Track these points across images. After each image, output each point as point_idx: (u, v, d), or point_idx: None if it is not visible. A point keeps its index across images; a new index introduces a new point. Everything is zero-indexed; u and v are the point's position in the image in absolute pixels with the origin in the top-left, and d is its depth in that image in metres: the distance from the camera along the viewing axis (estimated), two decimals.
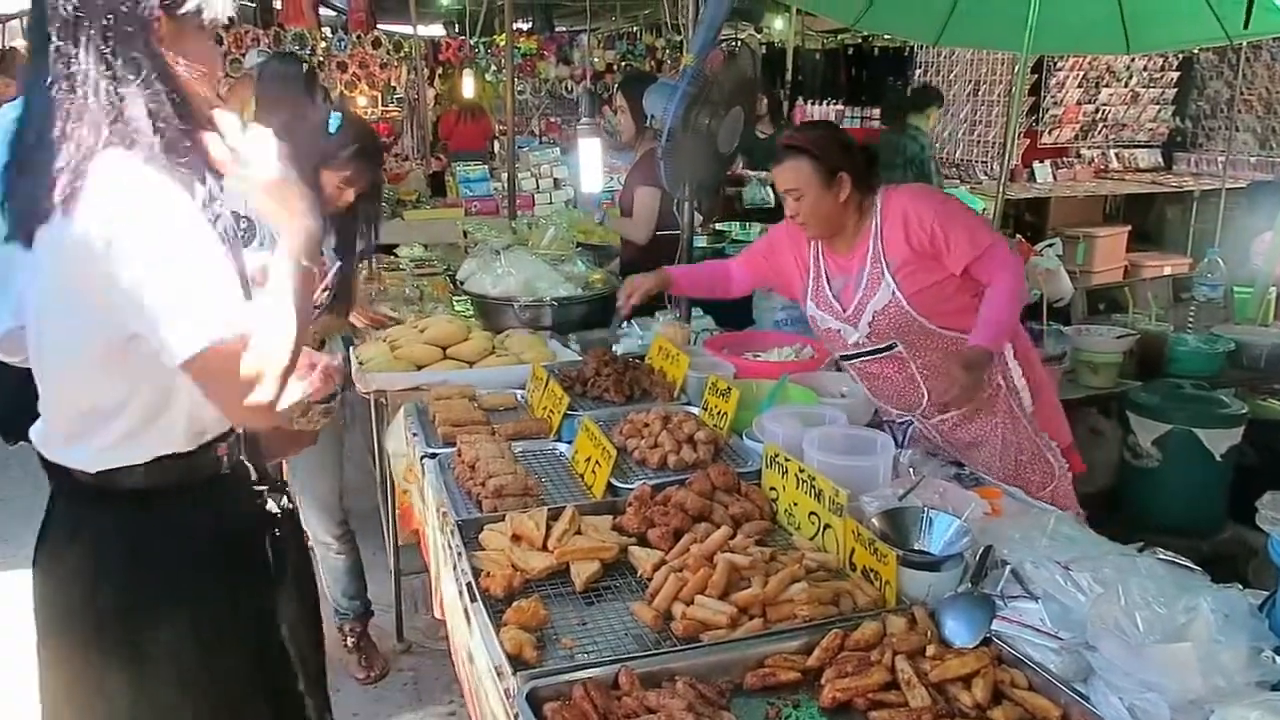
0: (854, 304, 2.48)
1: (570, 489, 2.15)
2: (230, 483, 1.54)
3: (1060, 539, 1.84)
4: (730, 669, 1.49)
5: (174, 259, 1.26)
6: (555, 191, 6.57)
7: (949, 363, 2.41)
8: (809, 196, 2.41)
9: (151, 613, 1.43)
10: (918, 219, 2.38)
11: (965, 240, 2.36)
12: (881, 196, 2.45)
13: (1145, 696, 1.32)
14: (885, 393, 2.60)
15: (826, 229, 2.49)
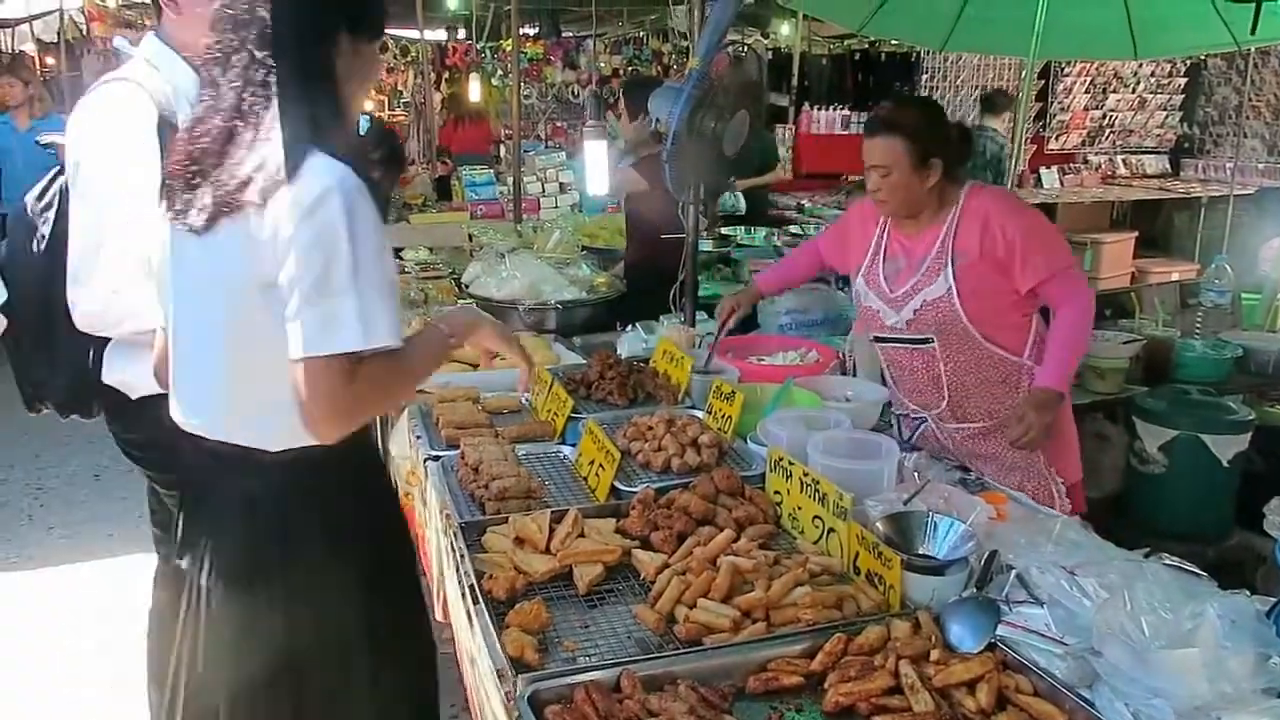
0: (906, 287, 2.46)
1: (573, 492, 2.15)
2: (375, 451, 1.71)
3: (1066, 544, 1.83)
4: (733, 673, 1.49)
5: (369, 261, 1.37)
6: (561, 196, 6.58)
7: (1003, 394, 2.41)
8: (897, 176, 2.36)
9: (342, 560, 1.52)
10: (999, 225, 2.34)
11: (1041, 261, 2.32)
12: (966, 191, 2.41)
13: (1151, 703, 1.31)
14: (907, 385, 2.59)
15: (905, 210, 2.44)
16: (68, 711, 3.08)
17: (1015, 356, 2.46)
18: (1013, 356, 2.46)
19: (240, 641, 1.51)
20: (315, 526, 1.50)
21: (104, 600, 3.76)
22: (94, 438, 5.37)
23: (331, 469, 1.52)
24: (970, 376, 2.48)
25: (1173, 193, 8.68)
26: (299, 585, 1.49)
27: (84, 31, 12.27)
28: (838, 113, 9.10)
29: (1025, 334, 2.47)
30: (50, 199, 2.04)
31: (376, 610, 1.56)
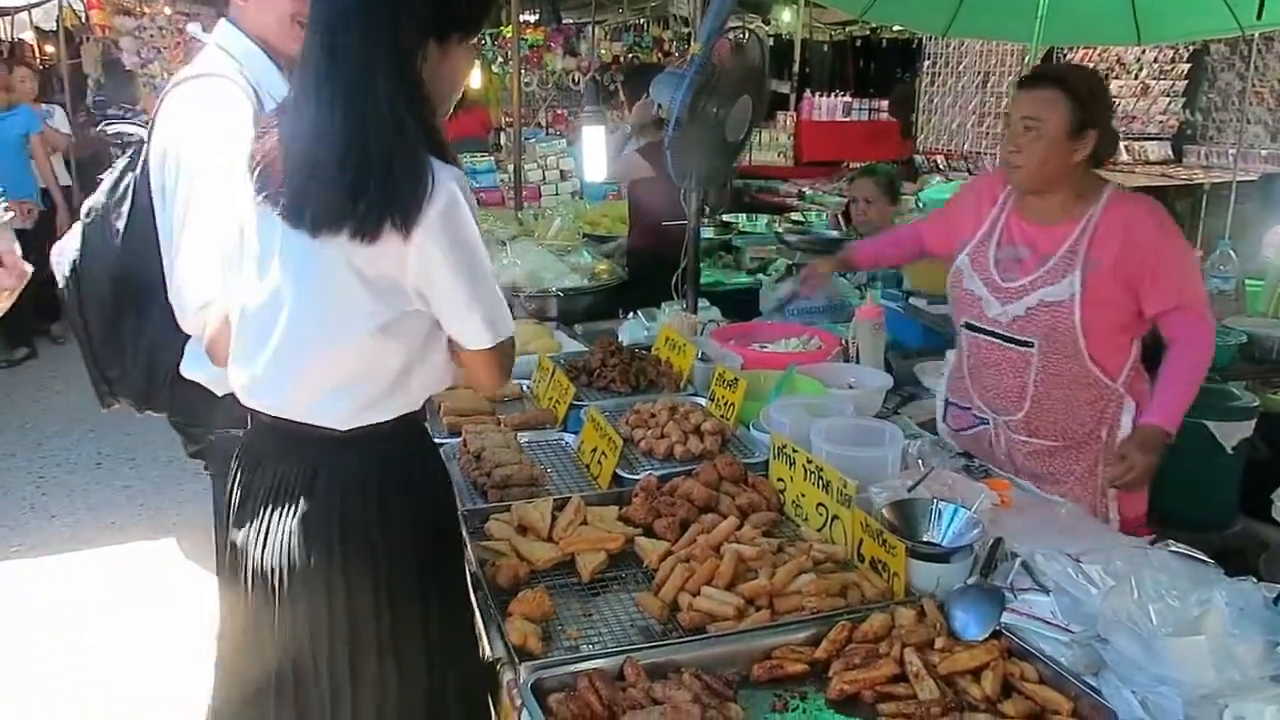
0: (1024, 281, 2.28)
1: (576, 479, 2.14)
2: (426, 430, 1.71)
3: (1070, 531, 1.83)
4: (737, 660, 1.48)
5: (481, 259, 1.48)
6: (561, 183, 6.55)
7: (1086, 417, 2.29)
8: (1046, 137, 2.17)
9: (397, 536, 1.53)
10: (1141, 240, 2.18)
11: (1175, 288, 2.18)
12: (1110, 194, 2.24)
13: (1158, 690, 1.30)
14: (986, 382, 2.44)
15: (1038, 182, 2.25)
16: (69, 699, 3.09)
17: (1110, 381, 2.30)
18: (1107, 380, 2.29)
19: (296, 619, 1.52)
20: (371, 505, 1.52)
21: (106, 589, 3.76)
22: (96, 426, 5.38)
23: (390, 446, 1.56)
24: (1060, 391, 2.31)
25: (1175, 179, 8.64)
26: (354, 563, 1.51)
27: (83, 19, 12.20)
28: (839, 99, 9.04)
29: (1125, 358, 2.31)
30: (123, 193, 2.02)
31: (430, 591, 1.57)
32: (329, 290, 1.46)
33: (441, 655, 1.58)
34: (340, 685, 1.51)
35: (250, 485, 1.59)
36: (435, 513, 1.62)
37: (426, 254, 1.42)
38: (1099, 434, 2.34)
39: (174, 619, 3.49)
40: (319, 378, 1.51)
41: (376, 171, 1.39)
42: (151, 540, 4.16)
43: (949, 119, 8.74)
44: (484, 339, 1.51)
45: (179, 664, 3.18)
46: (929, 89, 8.90)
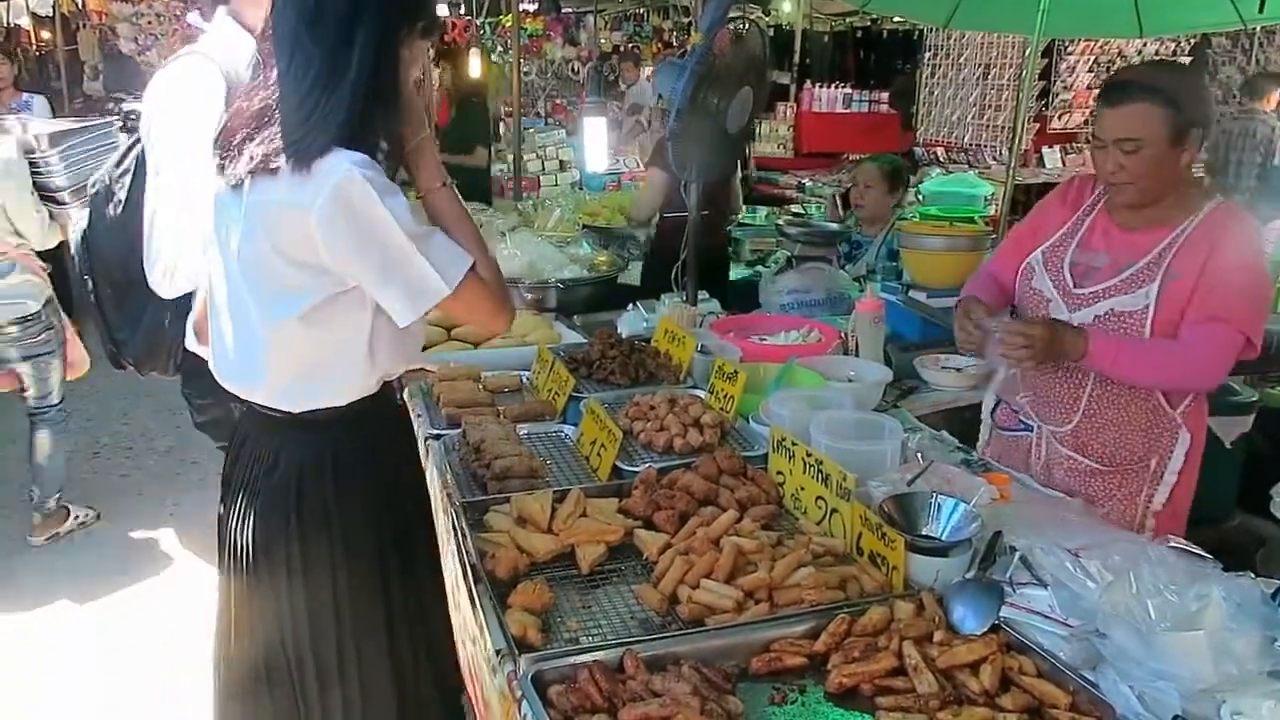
0: (1097, 288, 2.13)
1: (575, 471, 2.14)
2: (398, 412, 1.79)
3: (1069, 526, 1.82)
4: (736, 653, 1.48)
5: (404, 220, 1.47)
6: (560, 173, 6.54)
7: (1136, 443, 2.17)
8: (1150, 152, 1.98)
9: (354, 520, 1.58)
10: (1220, 251, 2.00)
11: (1217, 301, 1.99)
12: (1212, 207, 2.06)
13: (1156, 685, 1.31)
14: (1039, 389, 2.32)
15: (1152, 195, 2.06)
16: (67, 688, 3.09)
17: (1169, 408, 2.17)
18: (1166, 406, 2.17)
19: (264, 596, 1.58)
20: (328, 486, 1.56)
21: (100, 579, 3.76)
22: (92, 416, 5.37)
23: (348, 430, 1.60)
24: (1113, 411, 2.19)
25: None
26: (311, 544, 1.55)
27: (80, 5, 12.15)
28: (839, 90, 9.03)
29: None
30: (127, 165, 2.19)
31: (391, 572, 1.61)
32: (264, 274, 1.50)
33: (408, 632, 1.62)
34: (304, 660, 1.58)
35: (234, 465, 1.67)
36: (395, 495, 1.66)
37: (329, 234, 1.43)
38: (1148, 463, 2.22)
39: (171, 607, 3.49)
40: (268, 361, 1.55)
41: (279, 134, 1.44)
42: (149, 529, 4.16)
43: (949, 111, 8.73)
44: (406, 314, 1.51)
45: (176, 652, 3.19)
46: (929, 81, 8.89)
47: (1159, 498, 2.24)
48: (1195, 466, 2.25)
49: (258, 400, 1.60)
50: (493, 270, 1.60)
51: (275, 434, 1.59)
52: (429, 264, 1.48)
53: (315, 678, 1.57)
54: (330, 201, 1.41)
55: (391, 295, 1.49)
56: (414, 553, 1.65)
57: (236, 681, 1.65)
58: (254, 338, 1.55)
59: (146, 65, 10.33)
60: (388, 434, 1.67)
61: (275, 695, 1.60)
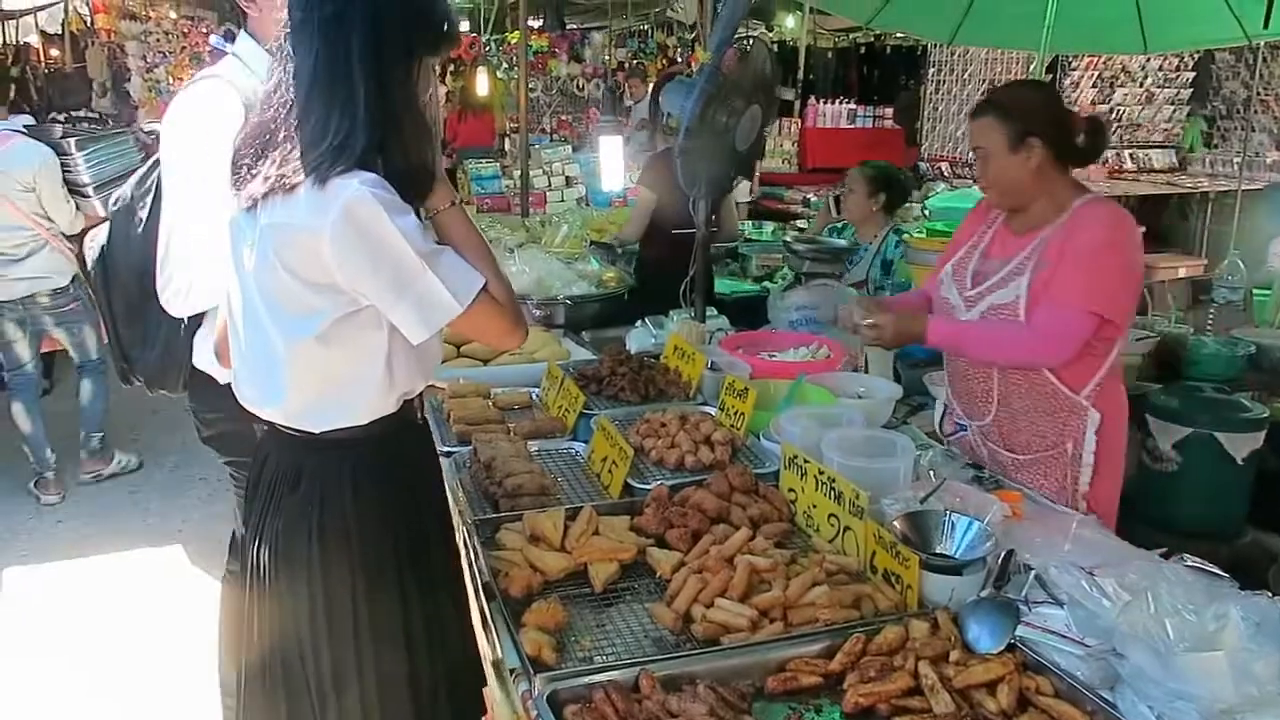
0: (982, 288, 2.32)
1: (587, 489, 2.14)
2: (421, 430, 1.75)
3: (1083, 544, 1.82)
4: (751, 672, 1.48)
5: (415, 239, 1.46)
6: (567, 189, 6.56)
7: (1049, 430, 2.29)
8: (994, 159, 2.25)
9: (374, 537, 1.58)
10: (1081, 241, 2.17)
11: (1071, 283, 2.14)
12: (1080, 201, 2.23)
13: (1175, 705, 1.30)
14: (959, 388, 2.50)
15: (1010, 199, 2.31)
16: (73, 705, 3.08)
17: (1071, 393, 2.27)
18: (1068, 391, 2.27)
19: (284, 611, 1.58)
20: (348, 503, 1.56)
21: (110, 595, 3.76)
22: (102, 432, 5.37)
23: (370, 448, 1.60)
24: (1021, 401, 2.32)
25: (1180, 188, 8.64)
26: (331, 559, 1.56)
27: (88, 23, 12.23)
28: (843, 106, 9.06)
29: (1091, 371, 2.26)
30: (149, 185, 2.19)
31: (410, 586, 1.61)
32: (280, 295, 1.51)
33: (426, 648, 1.62)
34: (321, 674, 1.57)
35: (257, 484, 1.67)
36: (416, 512, 1.65)
37: (340, 254, 1.43)
38: (1064, 447, 2.32)
39: (178, 625, 3.48)
40: (288, 382, 1.55)
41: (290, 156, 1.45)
42: (156, 547, 4.16)
43: (953, 126, 8.76)
44: (419, 331, 1.50)
45: (182, 671, 3.18)
46: (934, 96, 8.92)
47: (1083, 480, 2.32)
48: (1117, 447, 2.37)
49: (279, 421, 1.60)
50: (505, 289, 1.59)
51: (297, 453, 1.60)
52: (440, 282, 1.48)
53: (333, 689, 1.57)
54: (341, 221, 1.41)
55: (403, 312, 1.49)
56: (433, 569, 1.65)
57: (255, 695, 1.65)
58: (273, 358, 1.55)
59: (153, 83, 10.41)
60: (409, 452, 1.67)
61: (293, 709, 1.60)
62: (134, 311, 2.21)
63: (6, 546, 4.13)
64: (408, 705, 1.60)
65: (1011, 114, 2.23)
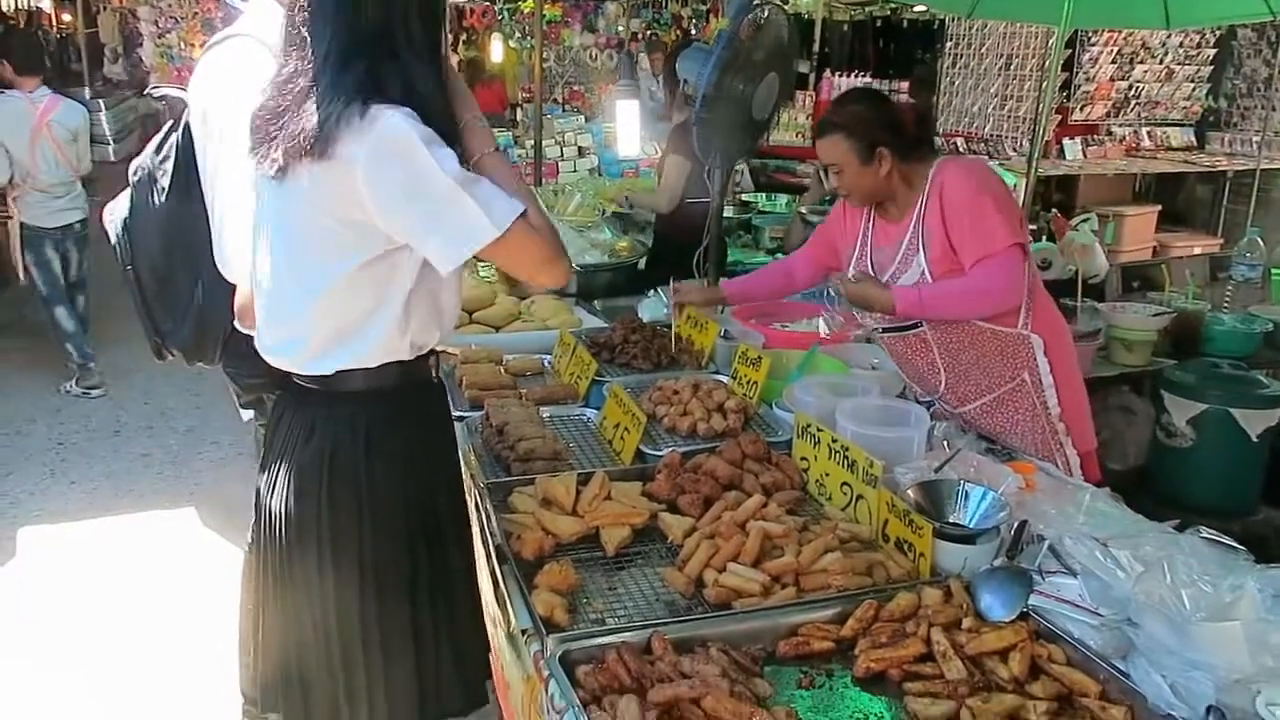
0: (886, 277, 2.41)
1: (599, 455, 2.14)
2: (435, 389, 1.73)
3: (1097, 515, 1.81)
4: (763, 637, 1.48)
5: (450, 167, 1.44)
6: (579, 160, 6.53)
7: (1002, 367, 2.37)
8: (848, 173, 2.36)
9: (382, 490, 1.58)
10: (952, 198, 2.28)
11: (982, 239, 2.23)
12: (935, 167, 2.35)
13: (1190, 674, 1.29)
14: (908, 372, 2.57)
15: (871, 200, 2.44)
16: (87, 664, 3.12)
17: (1008, 329, 2.37)
18: (1005, 329, 2.37)
19: (295, 561, 1.60)
20: (359, 454, 1.57)
21: (124, 555, 3.79)
22: (113, 394, 5.41)
23: (382, 400, 1.60)
24: (965, 354, 2.41)
25: (1198, 166, 8.54)
26: (340, 510, 1.56)
27: None
28: (859, 80, 8.96)
29: (1016, 303, 2.35)
30: (167, 152, 2.10)
31: (419, 543, 1.61)
32: (304, 238, 1.51)
33: (429, 600, 1.62)
34: (329, 625, 1.59)
35: (272, 441, 1.68)
36: (426, 466, 1.65)
37: (375, 184, 1.42)
38: (1022, 378, 2.40)
39: (192, 585, 3.51)
40: (309, 323, 1.55)
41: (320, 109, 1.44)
42: (170, 509, 4.19)
43: (970, 101, 8.66)
44: (450, 258, 1.47)
45: (196, 631, 3.21)
46: (950, 71, 8.81)
47: (1051, 401, 2.41)
48: (1069, 360, 2.47)
49: (296, 369, 1.61)
50: (545, 222, 1.56)
51: (311, 406, 1.61)
52: (477, 205, 1.44)
53: (339, 640, 1.59)
54: (375, 151, 1.41)
55: (437, 241, 1.46)
56: (441, 524, 1.65)
57: (270, 644, 1.67)
58: (297, 304, 1.56)
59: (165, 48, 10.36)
60: (422, 408, 1.67)
61: (302, 657, 1.61)
62: (162, 283, 2.16)
63: (20, 508, 4.16)
64: (410, 656, 1.61)
65: (856, 131, 2.33)
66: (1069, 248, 3.70)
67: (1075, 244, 3.70)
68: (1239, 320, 3.49)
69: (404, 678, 1.62)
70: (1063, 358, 2.43)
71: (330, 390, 1.59)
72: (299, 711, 1.66)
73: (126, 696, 2.95)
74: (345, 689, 1.60)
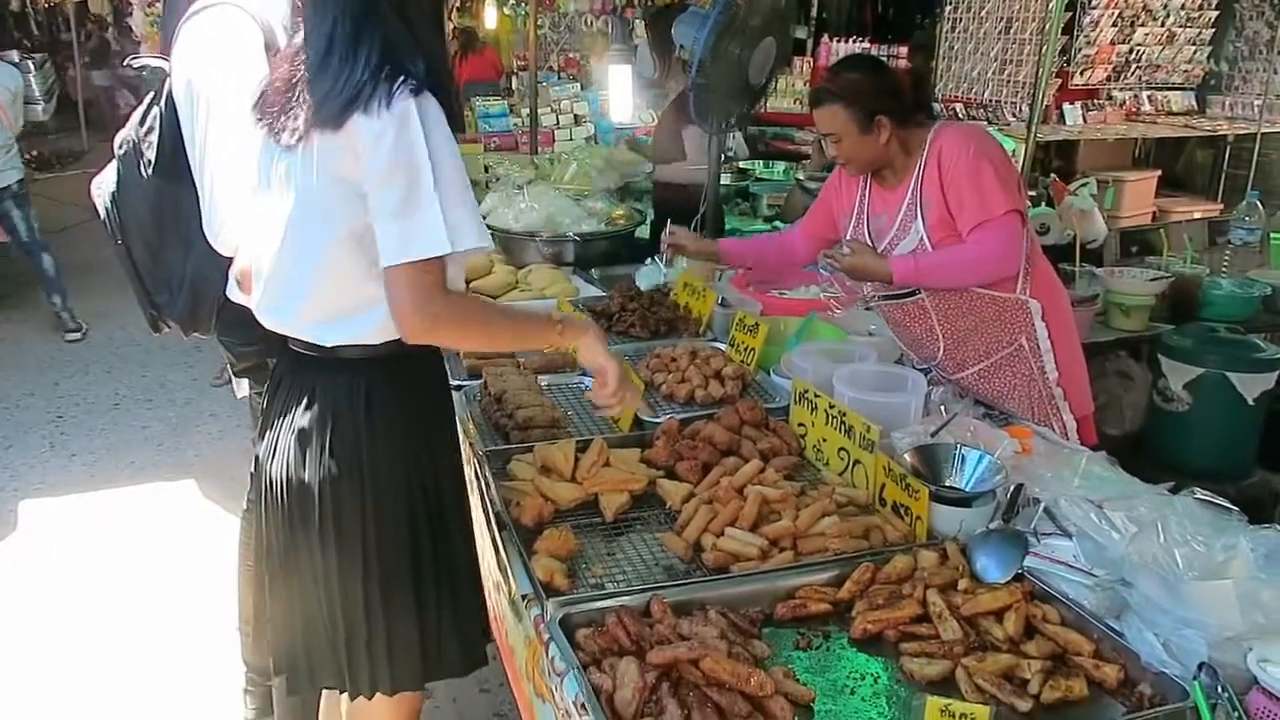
0: (884, 245, 2.41)
1: (596, 422, 2.14)
2: (433, 356, 1.71)
3: (1092, 478, 1.82)
4: (761, 600, 1.50)
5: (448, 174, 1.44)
6: (575, 127, 6.47)
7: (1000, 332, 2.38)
8: (847, 141, 2.35)
9: (383, 454, 1.58)
10: (950, 164, 2.28)
11: (978, 206, 2.23)
12: (933, 133, 2.34)
13: (1182, 633, 1.31)
14: (905, 339, 2.57)
15: (870, 168, 2.43)
16: (88, 636, 3.14)
17: (1005, 294, 2.36)
18: (1003, 294, 2.36)
19: (291, 531, 1.60)
20: (360, 419, 1.57)
21: (126, 527, 3.81)
22: (111, 367, 5.41)
23: (383, 367, 1.59)
24: (963, 320, 2.41)
25: (1198, 130, 8.48)
26: (342, 475, 1.57)
27: None
28: (857, 45, 8.87)
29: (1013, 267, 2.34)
30: (151, 124, 2.08)
31: (419, 510, 1.62)
32: (310, 203, 1.51)
33: (432, 563, 1.64)
34: (332, 589, 1.60)
35: (271, 403, 1.68)
36: (426, 432, 1.65)
37: (368, 161, 1.42)
38: (1019, 342, 2.40)
39: (193, 556, 3.53)
40: (309, 289, 1.55)
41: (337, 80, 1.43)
42: (170, 480, 4.20)
43: (969, 66, 8.57)
44: (394, 253, 1.44)
45: (198, 601, 3.23)
46: (949, 35, 8.72)
47: (1048, 365, 2.41)
48: (1067, 325, 2.47)
49: (294, 332, 1.61)
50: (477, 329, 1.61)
51: (310, 373, 1.61)
52: (443, 216, 1.43)
53: (341, 603, 1.60)
54: (393, 116, 1.41)
55: (395, 230, 1.44)
56: (441, 488, 1.66)
57: (276, 609, 1.68)
58: (298, 266, 1.56)
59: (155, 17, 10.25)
60: (421, 376, 1.67)
61: (309, 621, 1.63)
62: (154, 255, 2.15)
63: (21, 480, 4.18)
64: (413, 616, 1.62)
65: (854, 100, 2.31)
66: (1067, 213, 3.68)
67: (1073, 209, 3.69)
68: (1237, 285, 3.48)
69: (407, 638, 1.63)
70: (1060, 323, 2.43)
71: (329, 357, 1.59)
72: (304, 676, 1.68)
73: (129, 668, 2.98)
74: (348, 651, 1.62)
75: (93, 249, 6.29)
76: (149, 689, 2.89)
